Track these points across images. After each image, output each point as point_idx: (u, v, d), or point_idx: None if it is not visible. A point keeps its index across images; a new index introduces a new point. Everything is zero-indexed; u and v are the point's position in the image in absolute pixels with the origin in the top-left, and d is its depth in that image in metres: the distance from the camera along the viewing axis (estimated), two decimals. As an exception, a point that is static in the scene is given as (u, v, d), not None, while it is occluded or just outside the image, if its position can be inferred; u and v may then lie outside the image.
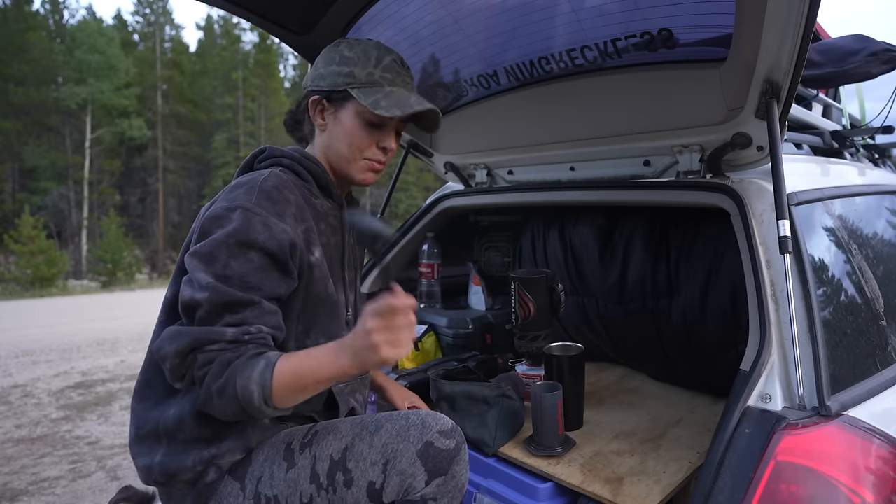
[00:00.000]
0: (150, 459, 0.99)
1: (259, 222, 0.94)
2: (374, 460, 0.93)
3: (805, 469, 0.85)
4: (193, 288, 0.90)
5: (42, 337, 6.33)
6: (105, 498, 2.48)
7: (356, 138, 1.08)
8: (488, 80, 1.62)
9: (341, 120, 1.09)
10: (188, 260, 0.93)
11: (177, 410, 0.99)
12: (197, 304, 0.89)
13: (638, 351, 1.74)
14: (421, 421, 0.96)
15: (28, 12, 24.26)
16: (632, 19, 1.25)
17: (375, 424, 0.97)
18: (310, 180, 1.09)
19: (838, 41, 1.78)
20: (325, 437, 0.98)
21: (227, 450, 0.98)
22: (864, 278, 1.25)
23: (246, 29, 28.75)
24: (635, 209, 1.64)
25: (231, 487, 0.98)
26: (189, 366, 0.89)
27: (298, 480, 0.95)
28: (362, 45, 1.10)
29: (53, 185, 22.33)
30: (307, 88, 1.12)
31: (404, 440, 0.93)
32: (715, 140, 1.31)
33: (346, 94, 1.07)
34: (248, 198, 0.96)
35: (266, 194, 0.98)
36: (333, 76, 1.07)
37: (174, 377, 0.91)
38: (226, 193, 1.00)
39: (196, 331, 0.89)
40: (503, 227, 2.25)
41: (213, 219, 0.95)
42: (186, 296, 0.90)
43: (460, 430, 0.99)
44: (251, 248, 0.93)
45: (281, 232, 0.96)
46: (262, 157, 1.11)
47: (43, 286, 13.41)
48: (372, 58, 1.08)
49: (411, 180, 26.01)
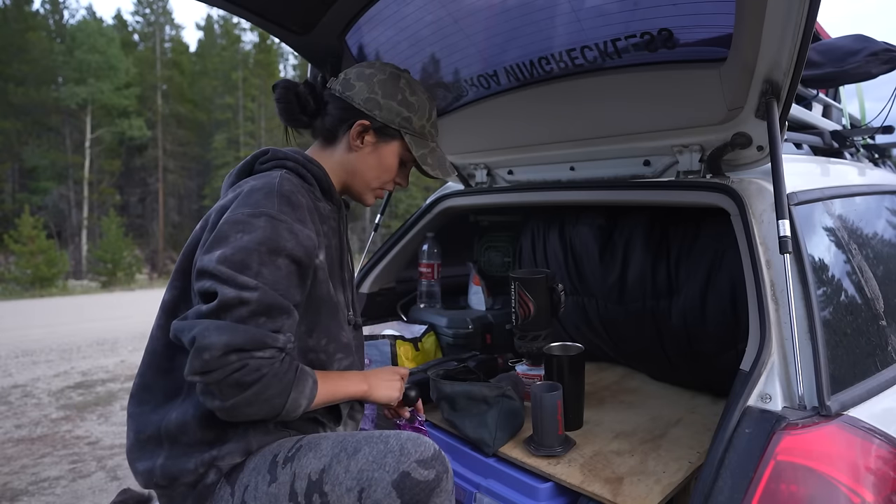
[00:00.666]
0: (151, 463, 0.98)
1: (285, 229, 0.95)
2: (349, 486, 0.90)
3: (805, 469, 0.85)
4: (237, 287, 0.88)
5: (42, 337, 6.33)
6: (105, 498, 2.48)
7: (386, 174, 1.17)
8: (488, 80, 1.62)
9: (382, 153, 1.15)
10: (213, 264, 0.90)
11: (179, 414, 0.98)
12: (242, 302, 0.87)
13: (638, 351, 1.74)
14: (400, 447, 0.92)
15: (28, 12, 24.25)
16: (632, 19, 1.25)
17: (354, 446, 0.94)
18: (313, 184, 1.10)
19: (838, 41, 1.78)
20: (306, 453, 0.96)
21: (227, 452, 0.98)
22: (864, 278, 1.25)
23: (246, 29, 28.75)
24: (635, 209, 1.64)
25: (223, 492, 0.98)
26: (229, 363, 0.85)
27: (279, 496, 0.94)
28: (422, 93, 1.17)
29: (53, 185, 22.33)
30: (356, 107, 1.11)
31: (380, 468, 0.90)
32: (715, 140, 1.31)
33: (397, 134, 1.14)
34: (269, 204, 0.96)
35: (286, 200, 0.98)
36: (392, 113, 1.12)
37: (200, 368, 0.85)
38: (243, 198, 0.98)
39: (251, 330, 0.87)
40: (503, 227, 2.25)
41: (234, 223, 0.94)
42: (230, 294, 0.87)
43: (443, 458, 0.95)
44: (280, 255, 0.93)
45: (306, 238, 0.98)
46: (264, 159, 1.10)
47: (43, 286, 13.41)
48: (426, 111, 1.17)
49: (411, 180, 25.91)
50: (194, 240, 1.04)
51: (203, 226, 1.04)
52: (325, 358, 1.08)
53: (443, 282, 2.05)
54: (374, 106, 1.11)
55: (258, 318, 0.89)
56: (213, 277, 0.90)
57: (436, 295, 2.04)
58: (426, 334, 1.87)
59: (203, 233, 1.01)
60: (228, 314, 0.88)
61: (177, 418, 0.98)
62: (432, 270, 2.02)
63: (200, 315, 0.88)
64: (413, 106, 1.14)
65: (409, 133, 1.14)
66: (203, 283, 0.91)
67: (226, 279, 0.89)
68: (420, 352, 1.82)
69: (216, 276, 0.89)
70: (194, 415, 0.97)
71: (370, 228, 4.28)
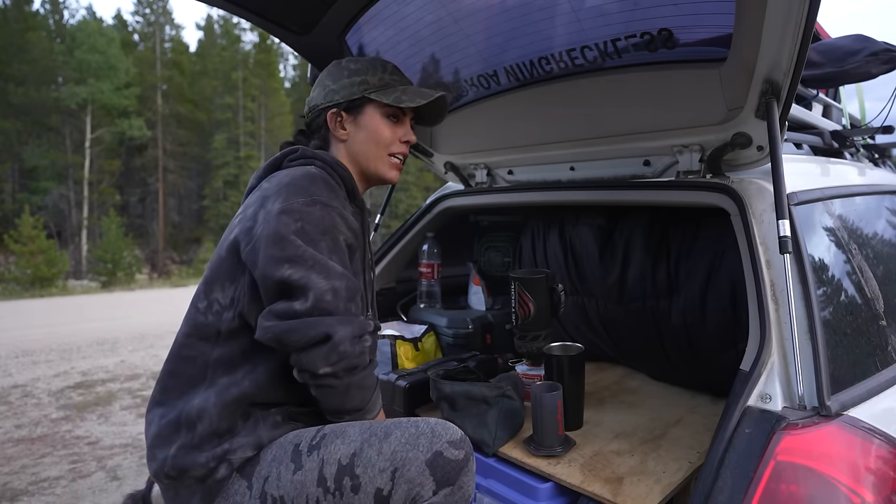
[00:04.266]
0: (165, 452, 1.00)
1: (338, 215, 1.02)
2: (382, 467, 0.92)
3: (805, 469, 0.85)
4: (326, 277, 0.96)
5: (42, 337, 6.33)
6: (105, 498, 2.48)
7: (382, 136, 1.18)
8: (488, 80, 1.62)
9: (363, 124, 1.18)
10: (293, 253, 0.95)
11: (201, 401, 1.00)
12: (336, 292, 0.96)
13: (638, 351, 1.74)
14: (430, 430, 0.95)
15: (28, 12, 24.24)
16: (632, 19, 1.25)
17: (385, 431, 0.97)
18: (340, 184, 1.12)
19: (838, 41, 1.78)
20: (333, 440, 0.98)
21: (238, 445, 0.99)
22: (864, 278, 1.25)
23: (246, 29, 28.74)
24: (635, 209, 1.64)
25: (238, 485, 0.98)
26: (354, 352, 0.96)
27: (305, 483, 0.95)
28: (363, 59, 1.21)
29: (53, 185, 22.32)
30: (320, 106, 1.18)
31: (414, 448, 0.93)
32: (715, 140, 1.31)
33: (363, 100, 1.17)
34: (318, 191, 1.02)
35: (329, 187, 1.05)
36: (347, 87, 1.16)
37: (338, 359, 0.94)
38: (289, 187, 1.02)
39: (358, 320, 0.98)
40: (503, 227, 2.25)
41: (292, 213, 0.98)
42: (323, 285, 0.95)
43: (469, 441, 0.99)
44: (340, 240, 1.01)
45: (353, 223, 1.07)
46: (294, 157, 1.14)
47: (43, 286, 13.40)
48: (378, 65, 1.19)
49: (411, 180, 26.01)
50: (231, 233, 1.06)
51: (242, 217, 1.05)
52: None
53: (443, 282, 2.05)
54: (331, 94, 1.17)
55: (350, 305, 0.98)
56: (295, 264, 0.95)
57: (436, 295, 2.04)
58: (426, 334, 1.87)
59: (242, 223, 1.04)
60: (328, 305, 0.95)
61: (198, 405, 1.00)
62: (432, 270, 2.02)
63: (297, 313, 0.94)
64: (360, 70, 1.18)
65: (372, 90, 1.16)
66: (283, 271, 0.95)
67: (313, 265, 0.95)
68: (420, 352, 1.82)
69: (301, 262, 0.95)
70: (215, 402, 0.99)
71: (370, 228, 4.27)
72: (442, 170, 2.04)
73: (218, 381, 1.01)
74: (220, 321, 1.03)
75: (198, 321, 1.05)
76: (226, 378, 1.01)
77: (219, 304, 1.04)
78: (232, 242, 1.04)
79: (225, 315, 1.03)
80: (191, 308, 1.08)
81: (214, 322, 1.04)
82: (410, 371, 1.61)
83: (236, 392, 1.00)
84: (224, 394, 1.00)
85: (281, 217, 0.97)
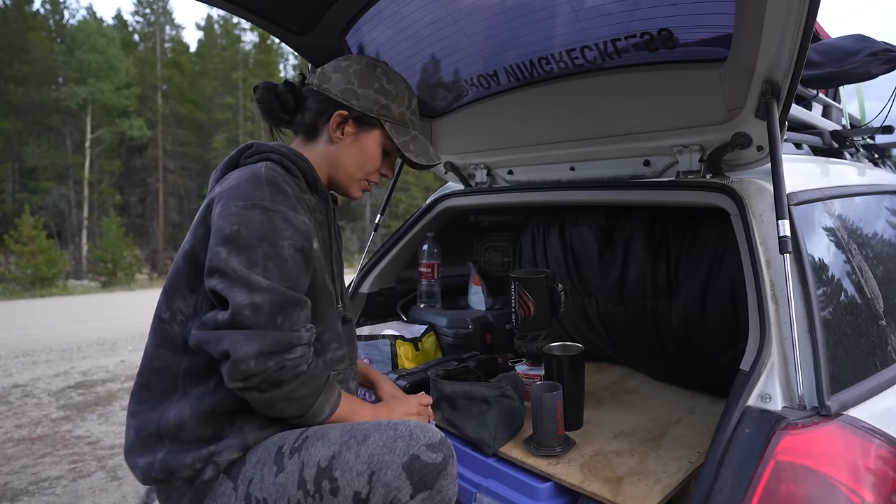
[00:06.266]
0: (151, 458, 1.00)
1: (281, 219, 0.97)
2: (359, 470, 0.92)
3: (805, 469, 0.85)
4: (248, 290, 0.91)
5: (42, 337, 6.33)
6: (105, 498, 2.48)
7: (370, 164, 1.17)
8: (488, 80, 1.62)
9: (363, 143, 1.15)
10: (220, 263, 0.92)
11: (176, 413, 0.99)
12: (256, 307, 0.91)
13: (638, 351, 1.74)
14: (409, 432, 0.94)
15: (28, 12, 24.24)
16: (632, 19, 1.25)
17: (364, 433, 0.96)
18: (298, 176, 1.10)
19: (838, 41, 1.78)
20: (314, 443, 0.97)
21: (224, 448, 0.99)
22: (864, 278, 1.25)
23: (246, 29, 28.75)
24: (635, 209, 1.64)
25: (225, 486, 0.98)
26: (267, 368, 0.91)
27: (287, 485, 0.95)
28: (399, 81, 1.18)
29: (53, 185, 22.32)
30: (333, 97, 1.12)
31: (390, 452, 0.92)
32: (715, 140, 1.31)
33: (377, 123, 1.14)
34: (261, 194, 0.97)
35: (275, 188, 1.00)
36: (370, 102, 1.13)
37: (241, 377, 0.90)
38: (232, 190, 0.99)
39: (276, 333, 0.92)
40: (503, 227, 2.25)
41: (229, 217, 0.95)
42: (242, 300, 0.90)
43: (449, 444, 0.97)
44: (282, 245, 0.96)
45: (302, 224, 1.00)
46: (249, 153, 1.11)
47: (43, 286, 13.40)
48: (405, 98, 1.17)
49: (411, 180, 25.99)
50: (187, 242, 1.04)
51: (197, 222, 1.04)
52: (320, 347, 1.09)
53: (443, 282, 2.05)
54: (351, 96, 1.12)
55: (275, 318, 0.93)
56: (222, 276, 0.92)
57: (436, 295, 2.04)
58: (426, 334, 1.87)
59: (194, 230, 1.02)
60: (246, 319, 0.91)
61: (175, 417, 0.99)
62: (432, 270, 2.02)
63: (218, 325, 0.91)
64: (391, 94, 1.14)
65: (389, 121, 1.14)
66: (212, 283, 0.93)
67: (236, 279, 0.91)
68: (420, 352, 1.82)
69: (226, 275, 0.92)
70: (191, 414, 0.98)
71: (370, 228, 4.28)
72: (442, 170, 2.04)
73: (190, 392, 1.00)
74: (186, 331, 1.01)
75: (164, 332, 1.03)
76: (197, 388, 1.00)
77: (182, 315, 1.02)
78: (189, 252, 1.02)
79: (189, 324, 1.00)
80: (155, 319, 1.05)
81: (180, 332, 1.02)
82: (410, 371, 1.61)
83: (210, 402, 0.99)
84: (199, 405, 0.99)
85: (218, 221, 0.95)
